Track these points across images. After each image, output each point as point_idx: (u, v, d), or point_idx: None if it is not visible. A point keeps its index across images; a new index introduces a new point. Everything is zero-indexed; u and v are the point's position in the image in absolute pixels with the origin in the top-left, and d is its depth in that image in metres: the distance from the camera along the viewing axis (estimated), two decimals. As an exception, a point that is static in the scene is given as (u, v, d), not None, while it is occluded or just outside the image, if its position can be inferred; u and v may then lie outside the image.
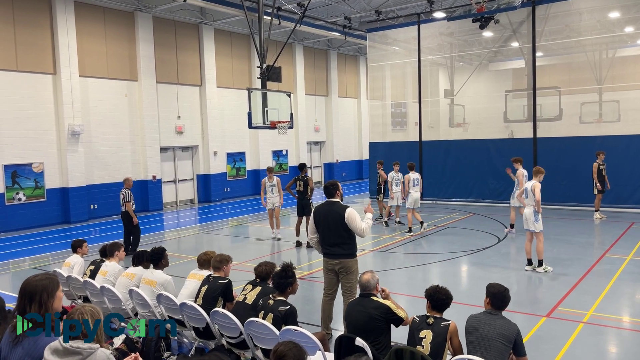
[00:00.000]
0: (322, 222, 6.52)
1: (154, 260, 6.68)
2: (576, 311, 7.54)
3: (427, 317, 4.66)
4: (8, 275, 11.24)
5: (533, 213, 9.68)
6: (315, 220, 6.62)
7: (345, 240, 6.44)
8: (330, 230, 6.45)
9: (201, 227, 16.89)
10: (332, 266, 6.52)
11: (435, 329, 4.53)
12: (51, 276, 3.51)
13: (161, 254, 6.71)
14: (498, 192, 18.35)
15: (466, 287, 9.26)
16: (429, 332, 4.53)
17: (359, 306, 5.02)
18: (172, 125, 21.18)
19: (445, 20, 19.86)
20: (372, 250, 12.20)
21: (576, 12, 17.79)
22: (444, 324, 4.56)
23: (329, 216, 6.46)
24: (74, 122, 17.40)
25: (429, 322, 4.59)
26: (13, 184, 16.30)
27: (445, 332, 4.50)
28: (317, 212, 6.64)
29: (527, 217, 9.78)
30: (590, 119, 18.53)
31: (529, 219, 9.75)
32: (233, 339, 5.37)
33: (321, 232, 6.56)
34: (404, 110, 22.50)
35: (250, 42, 23.74)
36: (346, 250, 6.46)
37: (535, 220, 9.68)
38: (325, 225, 6.49)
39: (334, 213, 6.43)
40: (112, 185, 18.94)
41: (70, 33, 17.36)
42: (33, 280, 3.42)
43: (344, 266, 6.46)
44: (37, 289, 3.35)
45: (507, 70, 21.97)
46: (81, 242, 8.10)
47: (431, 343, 4.47)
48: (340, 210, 6.40)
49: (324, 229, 6.50)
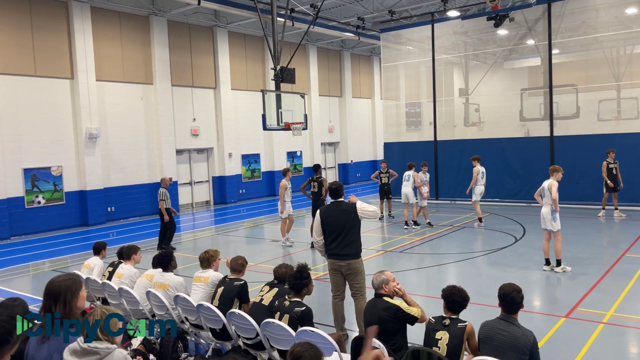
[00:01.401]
0: (331, 222, 6.49)
1: (162, 264, 6.67)
2: (596, 311, 7.44)
3: (443, 318, 4.63)
4: (28, 277, 11.42)
5: (550, 212, 9.57)
6: (323, 220, 6.56)
7: (354, 239, 6.47)
8: (339, 231, 6.43)
9: (217, 229, 16.99)
10: (339, 267, 6.49)
11: (452, 330, 4.48)
12: (74, 276, 3.65)
13: (169, 257, 6.71)
14: (515, 192, 18.18)
15: (483, 287, 9.18)
16: (445, 334, 4.49)
17: (371, 307, 5.04)
18: (187, 128, 21.35)
19: (459, 19, 19.72)
20: (388, 250, 12.16)
21: (593, 9, 17.56)
22: (461, 325, 4.51)
23: (339, 215, 6.46)
24: (91, 125, 17.63)
25: (445, 323, 4.55)
26: (32, 187, 16.56)
27: (461, 334, 4.46)
28: (325, 213, 6.59)
29: (545, 216, 9.67)
30: (608, 116, 18.27)
31: (547, 218, 9.64)
32: (249, 340, 5.39)
33: (328, 234, 6.52)
34: (419, 110, 22.40)
35: (264, 44, 23.82)
36: (356, 249, 6.48)
37: (553, 219, 9.56)
38: (334, 226, 6.46)
39: (346, 211, 6.46)
40: (128, 188, 19.16)
41: (87, 38, 17.60)
42: (57, 280, 3.56)
43: (351, 267, 6.44)
44: (62, 289, 3.48)
45: (523, 68, 21.75)
46: (104, 245, 8.22)
47: (447, 344, 4.43)
48: (350, 207, 6.48)
49: (333, 230, 6.47)
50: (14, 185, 16.08)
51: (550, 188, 9.51)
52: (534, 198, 10.33)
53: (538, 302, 8.12)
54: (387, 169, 16.45)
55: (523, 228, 13.96)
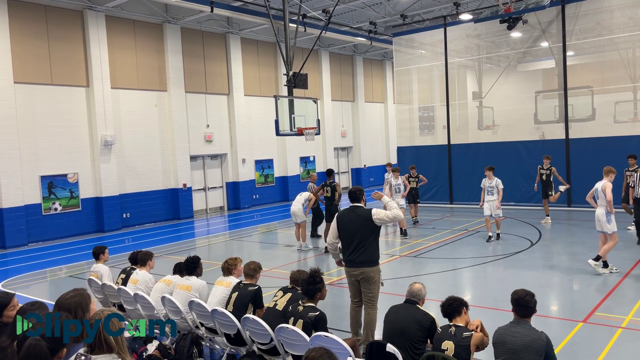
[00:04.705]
0: (346, 227, 6.41)
1: (189, 269, 6.72)
2: (614, 316, 7.33)
3: (449, 326, 4.61)
4: (45, 283, 11.56)
5: (605, 214, 9.34)
6: (339, 225, 6.50)
7: (371, 244, 6.31)
8: (355, 235, 6.32)
9: (231, 234, 17.05)
10: (354, 276, 6.41)
11: (457, 340, 4.45)
12: (81, 291, 3.58)
13: (196, 263, 6.77)
14: (530, 195, 17.99)
15: (498, 292, 9.08)
16: (451, 344, 4.45)
17: (404, 310, 5.01)
18: (201, 134, 21.49)
19: (472, 22, 19.63)
20: (402, 255, 12.10)
21: (607, 10, 17.38)
22: (466, 334, 4.47)
23: (354, 220, 6.37)
24: (107, 132, 17.83)
25: (451, 332, 4.52)
26: (49, 195, 16.77)
27: (467, 344, 4.43)
28: (341, 217, 6.53)
29: (599, 218, 9.44)
30: (625, 118, 18.02)
31: (601, 220, 9.41)
32: (264, 345, 5.39)
33: (344, 238, 6.45)
34: (432, 114, 22.31)
35: (277, 50, 23.94)
36: (370, 257, 6.31)
37: (608, 220, 9.33)
38: (350, 230, 6.37)
39: (360, 217, 6.34)
40: (143, 194, 19.33)
41: (102, 46, 17.83)
42: (64, 299, 3.49)
43: (365, 276, 6.31)
44: (72, 307, 3.43)
45: (537, 71, 21.55)
46: (103, 249, 8.19)
47: (454, 355, 4.40)
48: (366, 213, 6.33)
49: (348, 235, 6.38)
50: (32, 192, 16.31)
51: (604, 189, 9.29)
52: (586, 201, 10.09)
53: (555, 307, 8.02)
54: (417, 174, 16.24)
55: (539, 232, 13.81)
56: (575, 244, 12.44)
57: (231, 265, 6.56)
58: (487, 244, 12.67)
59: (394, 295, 8.73)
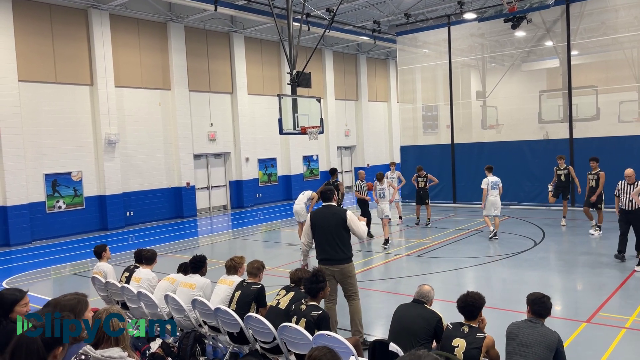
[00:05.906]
0: (322, 225, 6.50)
1: (195, 267, 6.75)
2: (618, 316, 7.31)
3: (461, 324, 4.60)
4: (49, 281, 11.59)
5: None
6: (314, 223, 6.59)
7: (345, 242, 6.48)
8: (331, 233, 6.43)
9: (234, 233, 17.07)
10: (332, 272, 6.47)
11: (470, 339, 4.45)
12: (80, 297, 3.58)
13: (203, 262, 6.79)
14: (533, 195, 17.96)
15: (502, 292, 9.08)
16: (463, 342, 4.45)
17: (412, 308, 5.04)
18: (204, 133, 21.52)
19: (476, 21, 19.59)
20: (406, 254, 12.10)
21: (612, 9, 17.32)
22: (480, 335, 4.47)
23: (330, 218, 6.47)
24: (110, 131, 17.87)
25: (464, 331, 4.52)
26: (53, 193, 16.82)
27: (480, 345, 4.42)
28: (316, 215, 6.62)
29: None
30: (629, 117, 17.96)
31: None
32: (267, 344, 5.40)
33: (320, 236, 6.54)
34: (435, 113, 22.28)
35: (280, 48, 23.93)
36: (346, 254, 6.50)
37: None
38: (326, 228, 6.46)
39: (335, 215, 6.47)
40: (147, 193, 19.37)
41: (106, 45, 17.86)
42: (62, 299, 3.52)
43: (345, 273, 6.48)
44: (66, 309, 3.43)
45: (541, 70, 21.49)
46: (105, 247, 8.21)
47: (464, 353, 4.39)
48: (341, 213, 6.50)
49: (325, 232, 6.48)
50: (36, 190, 16.36)
51: None
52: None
53: (559, 307, 8.00)
54: (425, 174, 15.79)
55: (542, 232, 13.79)
56: (578, 243, 12.41)
57: (237, 264, 6.56)
58: (490, 243, 12.65)
59: (398, 294, 8.74)
